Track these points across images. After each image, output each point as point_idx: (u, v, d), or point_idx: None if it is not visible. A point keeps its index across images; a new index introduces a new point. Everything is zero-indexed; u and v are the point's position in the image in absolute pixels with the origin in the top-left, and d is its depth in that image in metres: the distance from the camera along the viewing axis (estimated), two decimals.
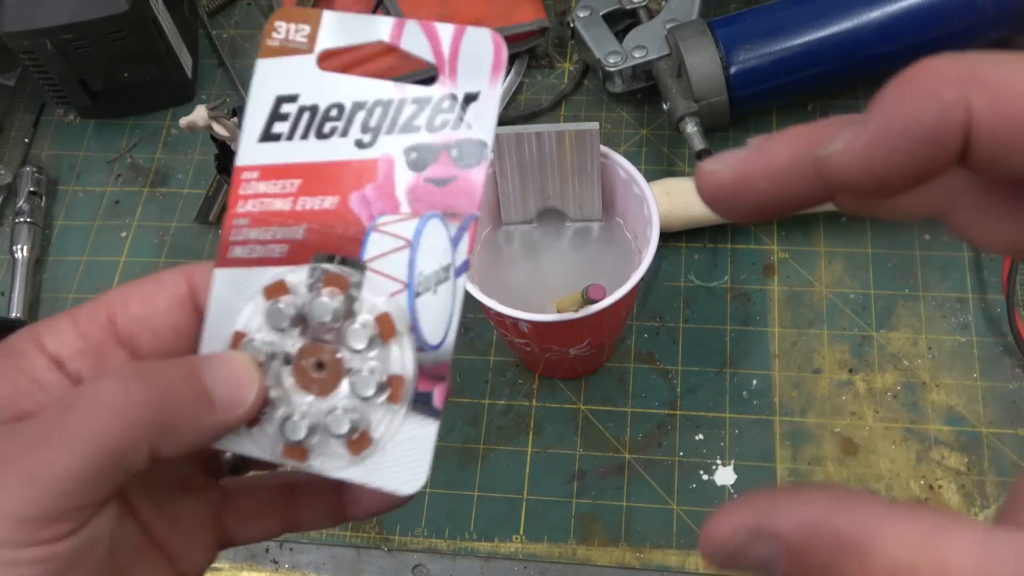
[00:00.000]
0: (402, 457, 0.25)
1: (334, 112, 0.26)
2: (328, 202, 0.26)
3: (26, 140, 0.71)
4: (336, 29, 0.26)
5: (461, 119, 0.25)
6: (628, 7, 0.65)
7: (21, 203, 0.66)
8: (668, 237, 0.61)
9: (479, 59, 0.25)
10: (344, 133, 0.26)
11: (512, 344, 0.54)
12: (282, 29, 0.26)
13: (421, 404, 0.25)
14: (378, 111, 0.26)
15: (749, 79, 0.59)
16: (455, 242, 0.25)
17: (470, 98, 0.25)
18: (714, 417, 0.56)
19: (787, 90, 0.61)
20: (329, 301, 0.25)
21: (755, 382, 0.56)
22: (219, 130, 0.55)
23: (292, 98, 0.26)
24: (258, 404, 0.25)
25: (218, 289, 0.26)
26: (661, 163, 0.64)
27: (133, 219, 0.67)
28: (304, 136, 0.26)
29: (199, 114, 0.55)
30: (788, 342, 0.57)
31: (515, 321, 0.47)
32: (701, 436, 0.55)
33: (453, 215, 0.25)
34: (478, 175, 0.25)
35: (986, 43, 0.64)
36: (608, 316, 0.47)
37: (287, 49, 0.26)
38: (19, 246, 0.64)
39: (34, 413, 0.23)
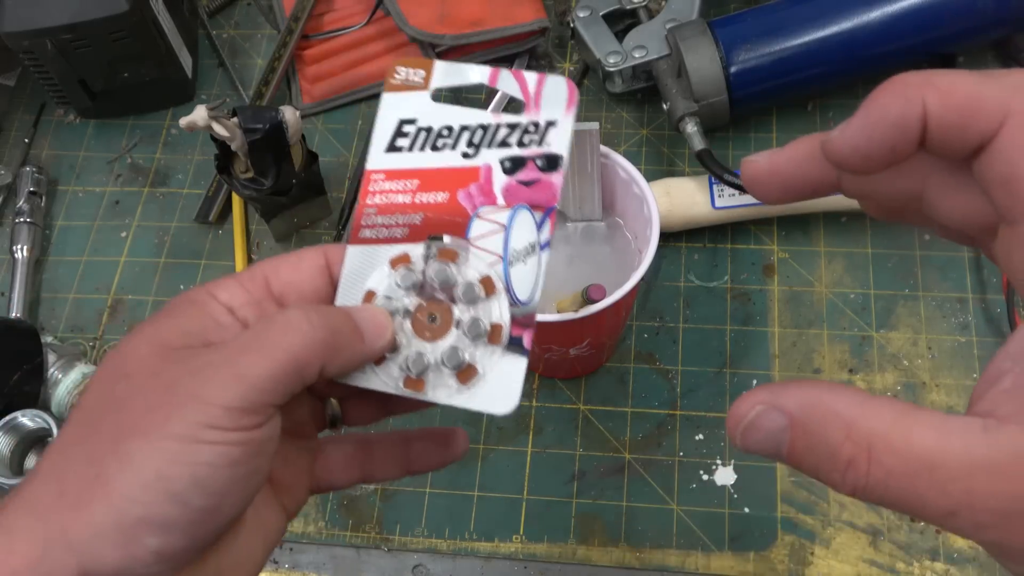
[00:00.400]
0: (499, 385, 0.32)
1: (445, 132, 0.34)
2: (440, 197, 0.33)
3: (26, 140, 0.71)
4: (444, 72, 0.34)
5: (543, 139, 0.33)
6: (628, 7, 0.65)
7: (21, 203, 0.66)
8: (668, 237, 0.61)
9: (557, 98, 0.33)
10: (453, 147, 0.34)
11: None
12: (402, 72, 0.35)
13: (514, 345, 0.32)
14: (479, 132, 0.34)
15: (749, 79, 0.59)
16: (539, 226, 0.33)
17: (550, 124, 0.33)
18: (714, 417, 0.56)
19: (787, 90, 0.61)
20: (444, 266, 0.32)
21: (755, 382, 0.56)
22: (219, 130, 0.55)
23: (412, 121, 0.34)
24: (392, 340, 0.32)
25: (350, 261, 0.33)
26: (661, 163, 0.64)
27: (133, 219, 0.67)
28: (422, 149, 0.34)
29: (199, 114, 0.55)
30: (788, 342, 0.57)
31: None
32: (701, 436, 0.55)
33: (538, 206, 0.33)
34: (557, 178, 0.33)
35: (986, 43, 0.64)
36: (608, 316, 0.47)
37: (407, 86, 0.34)
38: (19, 246, 0.64)
39: (219, 343, 0.29)
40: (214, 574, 0.30)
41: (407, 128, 0.34)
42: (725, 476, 0.54)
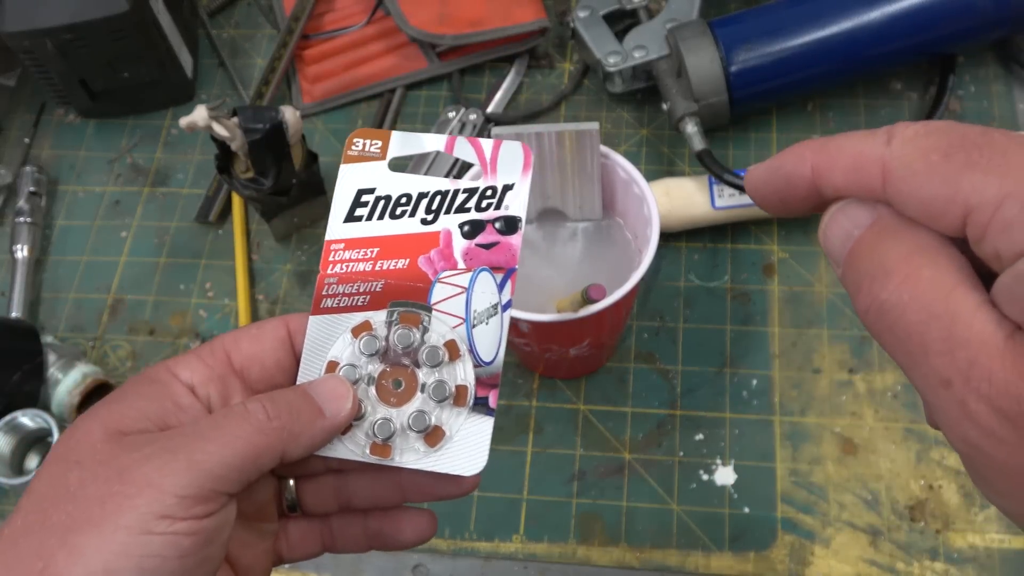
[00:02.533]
0: (467, 446, 0.32)
1: (404, 199, 0.35)
2: (401, 263, 0.34)
3: (26, 140, 0.71)
4: (401, 142, 0.35)
5: (501, 202, 0.34)
6: (628, 7, 0.65)
7: (21, 203, 0.66)
8: (668, 237, 0.61)
9: (513, 162, 0.34)
10: (412, 214, 0.34)
11: (512, 344, 0.54)
12: (359, 143, 0.35)
13: (480, 406, 0.33)
14: (438, 198, 0.34)
15: (749, 79, 0.59)
16: (500, 287, 0.34)
17: (507, 188, 0.34)
18: (714, 417, 0.56)
19: (787, 90, 0.61)
20: (407, 331, 0.33)
21: (755, 382, 0.56)
22: (219, 130, 0.55)
23: (370, 190, 0.35)
24: (355, 410, 0.32)
25: (312, 331, 0.34)
26: (661, 163, 0.64)
27: (133, 219, 0.67)
28: (380, 217, 0.35)
29: (199, 114, 0.55)
30: (788, 342, 0.57)
31: (515, 321, 0.47)
32: (701, 436, 0.55)
33: (498, 268, 0.34)
34: (516, 240, 0.34)
35: (986, 43, 0.64)
36: (608, 316, 0.47)
37: (364, 157, 0.35)
38: (19, 246, 0.64)
39: (176, 427, 0.29)
40: None
41: (365, 197, 0.35)
42: (725, 476, 0.54)
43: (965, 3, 0.57)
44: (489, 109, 0.67)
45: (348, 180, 0.35)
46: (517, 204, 0.34)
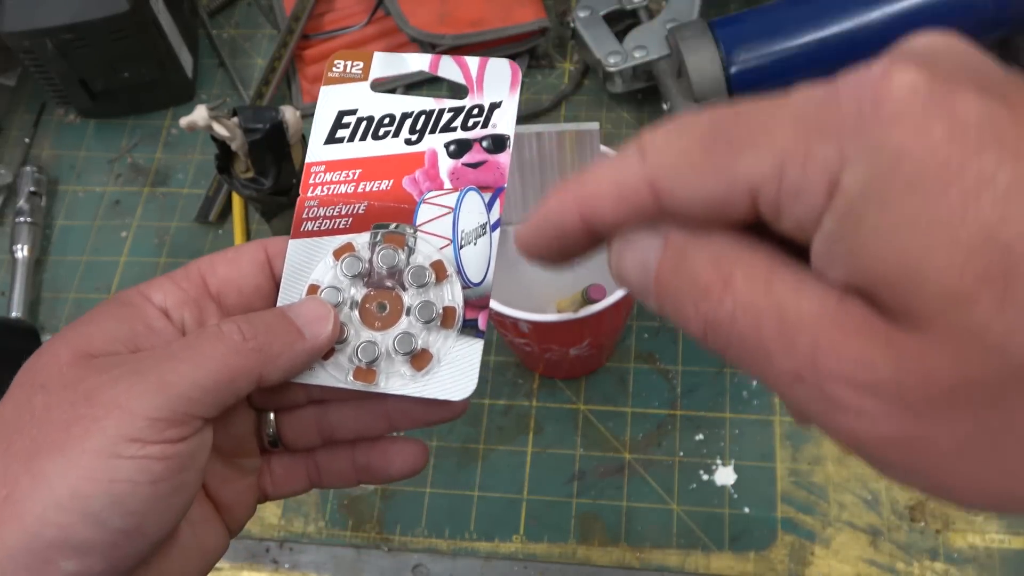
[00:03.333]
0: (456, 370, 0.31)
1: (387, 120, 0.33)
2: (384, 184, 0.33)
3: (26, 140, 0.71)
4: (384, 62, 0.34)
5: (488, 121, 0.33)
6: (628, 7, 0.65)
7: (21, 203, 0.66)
8: None
9: (500, 79, 0.33)
10: (396, 135, 0.33)
11: (512, 344, 0.54)
12: (341, 65, 0.34)
13: (469, 328, 0.32)
14: (422, 118, 0.33)
15: (749, 79, 0.59)
16: (488, 206, 0.33)
17: (495, 106, 0.33)
18: (714, 417, 0.56)
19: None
20: (392, 252, 0.31)
21: (755, 382, 0.56)
22: (219, 130, 0.55)
23: (352, 112, 0.34)
24: (336, 332, 0.30)
25: (292, 255, 0.32)
26: None
27: (133, 219, 0.67)
28: (363, 138, 0.33)
29: (199, 114, 0.55)
30: None
31: (515, 321, 0.47)
32: (701, 436, 0.55)
33: (486, 187, 0.33)
34: (504, 158, 0.33)
35: (986, 43, 0.64)
36: (608, 316, 0.47)
37: (346, 79, 0.34)
38: (19, 246, 0.64)
39: (147, 350, 0.28)
40: None
41: (347, 119, 0.34)
42: (725, 476, 0.54)
43: (965, 3, 0.57)
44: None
45: (329, 102, 0.34)
46: (505, 122, 0.33)
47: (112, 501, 0.25)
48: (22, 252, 0.64)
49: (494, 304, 0.46)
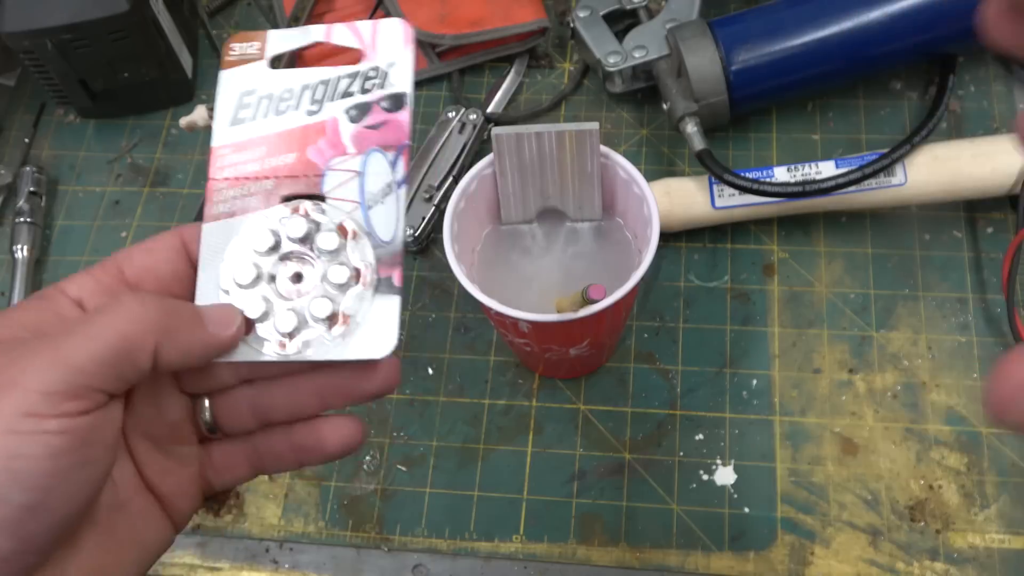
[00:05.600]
0: (375, 329, 0.31)
1: (287, 95, 0.34)
2: (289, 158, 0.33)
3: (26, 140, 0.71)
4: (279, 39, 0.35)
5: (385, 81, 0.34)
6: (628, 7, 0.65)
7: (21, 203, 0.66)
8: (668, 237, 0.61)
9: (393, 39, 0.34)
10: (296, 107, 0.34)
11: (512, 344, 0.54)
12: (237, 47, 0.35)
13: (384, 286, 0.32)
14: (320, 87, 0.34)
15: (749, 79, 0.59)
16: (393, 165, 0.33)
17: (391, 65, 0.34)
18: (714, 417, 0.56)
19: (787, 90, 0.61)
20: (301, 222, 0.32)
21: (755, 382, 0.56)
22: None
23: (251, 92, 0.34)
24: (241, 331, 0.31)
25: (207, 238, 0.33)
26: (661, 163, 0.64)
27: (133, 219, 0.67)
28: (265, 116, 0.34)
29: (199, 114, 0.55)
30: (788, 342, 0.57)
31: (515, 321, 0.47)
32: (701, 436, 0.55)
33: (389, 147, 0.33)
34: (403, 115, 0.33)
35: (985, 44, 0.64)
36: (608, 316, 0.47)
37: (244, 60, 0.35)
38: (19, 246, 0.64)
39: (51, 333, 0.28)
40: None
41: (247, 99, 0.34)
42: (725, 476, 0.54)
43: (965, 3, 0.57)
44: (489, 109, 0.67)
45: (229, 85, 0.34)
46: (401, 80, 0.33)
47: (11, 477, 0.25)
48: (22, 252, 0.64)
49: (494, 304, 0.46)
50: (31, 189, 0.66)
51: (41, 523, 0.26)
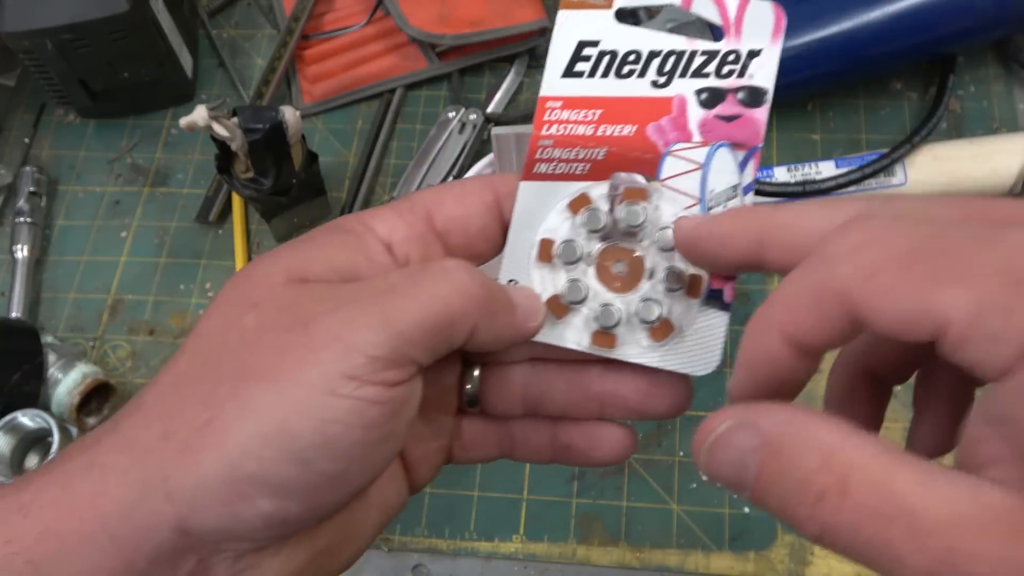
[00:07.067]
0: (698, 343, 0.29)
1: (632, 57, 0.30)
2: (627, 130, 0.29)
3: (26, 140, 0.71)
4: None
5: (745, 70, 0.29)
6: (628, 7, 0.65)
7: (21, 203, 0.66)
8: None
9: (761, 24, 0.29)
10: (641, 75, 0.30)
11: None
12: None
13: (714, 299, 0.29)
14: (672, 59, 0.30)
15: None
16: (742, 166, 0.29)
17: (753, 54, 0.29)
18: None
19: (787, 90, 0.61)
20: (636, 209, 0.28)
21: None
22: (219, 130, 0.55)
23: (594, 43, 0.30)
24: (540, 326, 0.28)
25: (523, 199, 0.29)
26: None
27: (133, 219, 0.67)
28: (604, 75, 0.30)
29: (199, 114, 0.55)
30: None
31: None
32: None
33: (739, 145, 0.29)
34: (761, 114, 0.29)
35: (986, 43, 0.64)
36: None
37: (587, 4, 0.30)
38: (19, 246, 0.64)
39: (365, 280, 0.26)
40: (324, 549, 0.27)
41: (588, 51, 0.30)
42: None
43: (965, 3, 0.57)
44: (489, 109, 0.67)
45: (568, 29, 0.30)
46: (764, 74, 0.29)
47: (322, 442, 0.23)
48: (22, 252, 0.64)
49: None
50: (31, 189, 0.66)
51: (336, 494, 0.24)
